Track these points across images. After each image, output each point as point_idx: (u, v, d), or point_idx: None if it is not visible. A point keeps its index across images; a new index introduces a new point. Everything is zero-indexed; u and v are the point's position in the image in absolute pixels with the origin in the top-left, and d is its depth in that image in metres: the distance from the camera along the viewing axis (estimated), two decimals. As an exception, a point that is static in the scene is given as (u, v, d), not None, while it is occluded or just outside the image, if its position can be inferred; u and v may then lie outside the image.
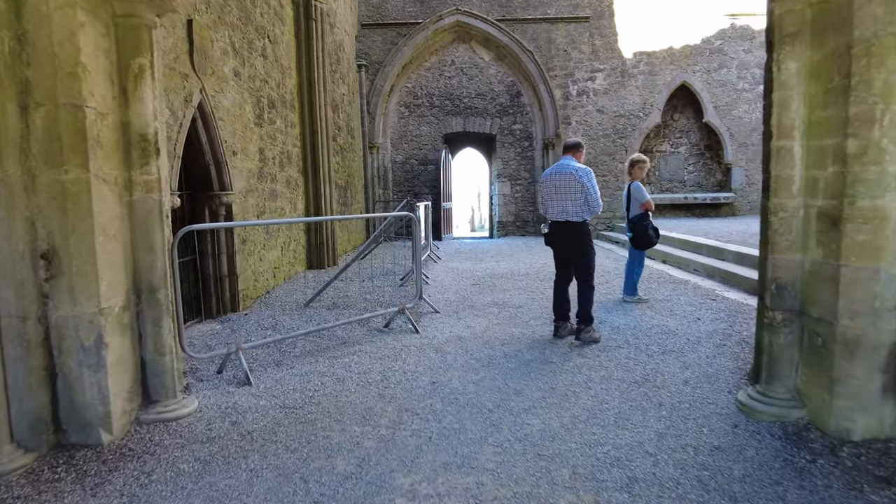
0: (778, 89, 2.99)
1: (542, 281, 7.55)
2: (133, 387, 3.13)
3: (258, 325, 5.49)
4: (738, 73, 13.55)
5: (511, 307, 5.95)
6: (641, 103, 13.68)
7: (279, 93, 7.56)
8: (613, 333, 4.85)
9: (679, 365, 4.05)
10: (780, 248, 3.06)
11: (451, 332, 5.01)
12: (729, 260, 7.69)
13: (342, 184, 10.98)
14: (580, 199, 4.49)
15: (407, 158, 14.15)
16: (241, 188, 6.21)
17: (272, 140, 7.24)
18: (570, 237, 4.57)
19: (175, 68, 4.76)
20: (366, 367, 4.11)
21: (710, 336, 4.70)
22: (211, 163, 5.70)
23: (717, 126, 13.67)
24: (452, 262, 9.86)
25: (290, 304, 6.41)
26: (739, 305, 5.77)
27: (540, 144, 13.94)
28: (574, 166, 4.54)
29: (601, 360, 4.18)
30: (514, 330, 5.02)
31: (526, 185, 14.18)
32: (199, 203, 5.82)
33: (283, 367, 4.14)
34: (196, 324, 5.69)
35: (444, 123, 14.02)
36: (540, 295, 6.58)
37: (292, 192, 8.01)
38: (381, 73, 13.45)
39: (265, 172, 6.97)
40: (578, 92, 13.68)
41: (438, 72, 13.93)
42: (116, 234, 2.97)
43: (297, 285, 7.45)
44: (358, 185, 12.62)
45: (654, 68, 13.59)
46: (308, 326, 5.35)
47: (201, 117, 5.39)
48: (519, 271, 8.46)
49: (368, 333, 5.01)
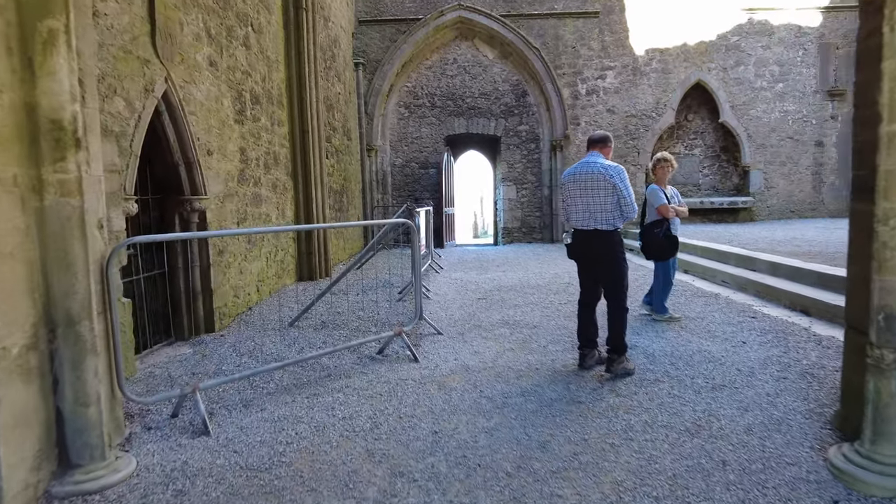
0: (891, 56, 2.26)
1: (555, 294, 6.81)
2: (43, 450, 2.39)
3: (234, 350, 4.75)
4: (755, 71, 12.84)
5: (524, 327, 5.21)
6: (654, 103, 12.97)
7: (265, 87, 6.86)
8: (649, 362, 4.10)
9: (735, 405, 3.30)
10: (892, 268, 2.33)
11: (457, 359, 4.27)
12: (762, 271, 6.94)
13: (337, 188, 10.27)
14: (611, 203, 3.76)
15: (407, 161, 13.44)
16: (217, 192, 5.50)
17: (256, 139, 6.53)
18: (599, 248, 3.83)
19: (132, 51, 4.05)
20: (352, 409, 3.37)
21: (763, 365, 3.95)
22: (181, 163, 4.98)
23: (734, 126, 12.96)
24: (455, 271, 9.12)
25: (273, 322, 5.68)
26: (785, 325, 5.02)
27: (547, 146, 13.23)
28: (602, 164, 3.81)
29: (640, 399, 3.43)
30: (530, 358, 4.28)
31: (532, 190, 13.46)
32: (168, 209, 5.11)
33: (253, 408, 3.40)
34: (164, 347, 4.96)
35: (445, 125, 13.33)
36: (555, 312, 5.83)
37: (280, 197, 7.29)
38: (380, 72, 12.77)
39: (247, 175, 6.25)
40: (588, 91, 12.98)
41: (440, 70, 13.25)
42: (15, 251, 2.24)
43: (285, 300, 6.72)
44: (355, 189, 11.91)
45: (667, 66, 12.89)
46: (290, 352, 4.61)
47: (168, 110, 4.68)
48: (529, 283, 7.72)
49: (359, 362, 4.27)
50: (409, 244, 8.47)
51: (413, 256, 4.52)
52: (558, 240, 13.13)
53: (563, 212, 4.09)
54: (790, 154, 13.11)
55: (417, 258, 4.50)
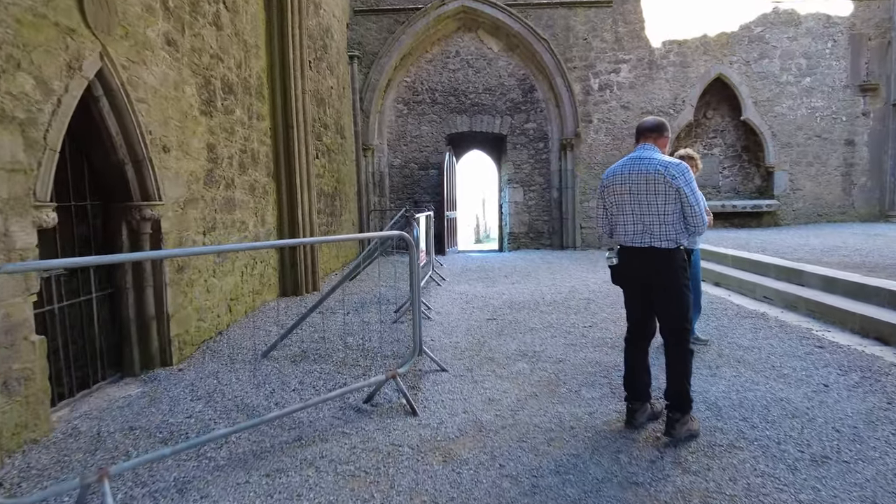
0: None
1: (576, 314, 5.89)
2: None
3: (191, 391, 3.85)
4: (781, 64, 11.94)
5: (547, 361, 4.28)
6: (672, 99, 12.07)
7: (240, 76, 5.95)
8: (713, 415, 3.18)
9: (855, 491, 2.39)
10: None
11: (466, 411, 3.35)
12: (813, 286, 6.02)
13: (329, 191, 9.36)
14: (673, 213, 2.84)
15: (406, 162, 12.53)
16: (176, 197, 4.58)
17: (229, 134, 5.62)
18: (656, 272, 2.91)
19: (46, 15, 3.13)
20: (326, 497, 2.44)
21: (868, 422, 3.03)
22: (127, 161, 4.07)
23: (758, 124, 12.05)
24: (459, 283, 8.20)
25: (245, 351, 4.77)
26: (867, 360, 4.10)
27: (556, 145, 12.31)
28: (660, 160, 2.90)
29: (717, 478, 2.52)
30: (560, 409, 3.35)
31: (540, 192, 12.55)
32: (113, 218, 4.19)
33: (190, 495, 2.48)
34: (108, 385, 4.05)
35: (447, 122, 12.42)
36: (580, 339, 4.91)
37: (258, 201, 6.37)
38: (377, 66, 11.86)
39: (217, 175, 5.34)
40: (600, 86, 12.07)
41: (441, 64, 12.34)
42: None
43: (263, 321, 5.80)
44: (349, 192, 11.00)
45: (685, 59, 11.99)
46: (258, 396, 3.70)
47: (106, 95, 3.77)
48: (544, 298, 6.80)
49: (341, 415, 3.34)
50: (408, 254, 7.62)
51: (411, 279, 3.60)
52: (569, 246, 12.22)
53: (604, 223, 3.17)
54: (818, 154, 12.21)
55: (416, 281, 3.57)
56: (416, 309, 3.53)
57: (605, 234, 3.22)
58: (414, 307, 3.53)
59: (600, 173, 12.00)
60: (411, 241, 3.38)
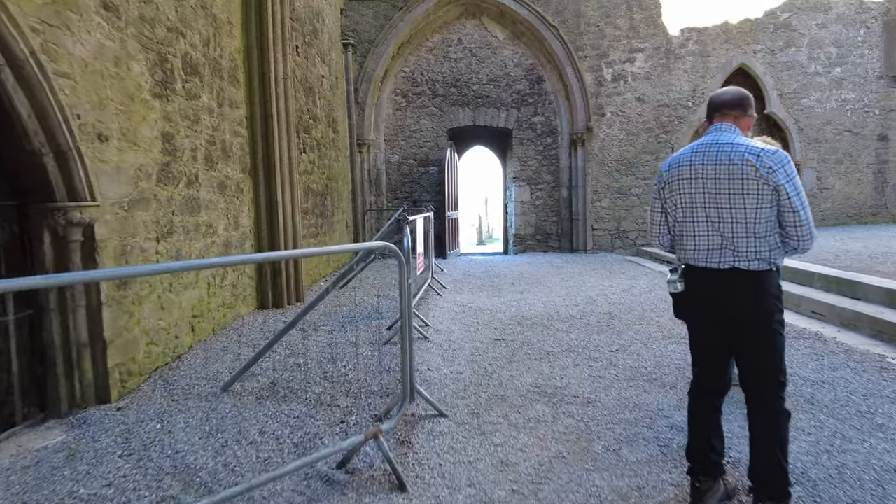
0: None
1: (598, 333, 5.05)
2: None
3: (123, 443, 3.03)
4: (808, 53, 11.06)
5: (571, 401, 3.44)
6: (690, 90, 11.20)
7: (208, 55, 5.12)
8: (809, 497, 2.33)
9: None
10: None
11: (472, 484, 2.51)
12: (874, 300, 5.18)
13: (319, 189, 8.53)
14: (767, 222, 2.01)
15: (404, 158, 11.69)
16: (119, 196, 3.75)
17: (192, 123, 4.79)
18: (740, 305, 2.07)
19: None
20: None
21: None
22: (46, 152, 3.24)
23: (783, 118, 11.18)
24: (461, 292, 7.37)
25: (205, 381, 3.94)
26: (976, 401, 3.26)
27: (566, 140, 11.46)
28: (749, 146, 2.06)
29: None
30: (597, 481, 2.51)
31: (549, 191, 11.70)
32: (33, 222, 3.37)
33: None
34: (25, 431, 3.24)
35: (448, 116, 11.58)
36: (608, 367, 4.07)
37: (230, 201, 5.54)
38: (373, 55, 11.01)
39: (175, 171, 4.51)
40: (614, 76, 11.21)
41: (442, 53, 11.49)
42: None
43: (234, 340, 4.97)
44: (342, 190, 10.17)
45: (705, 48, 11.12)
46: (205, 453, 2.87)
47: (10, 66, 2.94)
48: (558, 311, 5.96)
49: (304, 489, 2.51)
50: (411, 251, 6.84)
51: (401, 304, 2.75)
52: (579, 249, 11.37)
53: (660, 231, 2.33)
54: (848, 150, 11.34)
55: (407, 307, 2.72)
56: (408, 346, 2.69)
57: (661, 246, 2.37)
58: (404, 344, 2.70)
59: (614, 170, 11.17)
60: (401, 256, 2.54)
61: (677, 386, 3.65)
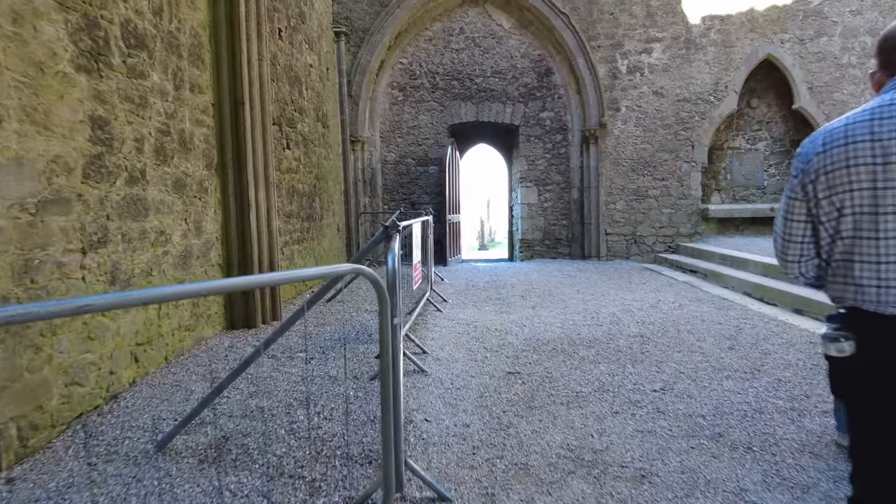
0: None
1: (634, 363, 4.15)
2: None
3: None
4: (842, 43, 10.19)
5: (620, 477, 2.53)
6: (712, 84, 10.33)
7: (161, 27, 4.24)
8: None
9: None
10: None
11: None
12: None
13: (305, 189, 7.65)
14: None
15: (402, 157, 10.81)
16: (20, 195, 2.86)
17: (136, 106, 3.90)
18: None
19: None
20: None
21: None
22: None
23: (813, 114, 10.29)
24: (464, 307, 6.47)
25: (142, 431, 3.05)
26: None
27: (577, 138, 10.59)
28: None
29: None
30: None
31: (558, 192, 10.81)
32: None
33: None
34: None
35: (450, 111, 10.70)
36: (657, 415, 3.17)
37: (191, 203, 4.65)
38: (367, 45, 10.14)
39: (110, 164, 3.62)
40: (629, 68, 10.33)
41: (443, 43, 10.62)
42: None
43: (189, 373, 4.08)
44: (333, 191, 9.28)
45: (728, 37, 10.25)
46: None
47: None
48: (579, 333, 5.07)
49: None
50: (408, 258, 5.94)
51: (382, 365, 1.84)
52: (591, 255, 10.48)
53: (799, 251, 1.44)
54: (883, 148, 10.44)
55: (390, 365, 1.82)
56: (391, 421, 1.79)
57: (801, 277, 1.47)
58: (386, 417, 1.79)
59: (629, 170, 10.28)
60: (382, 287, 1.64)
61: (753, 447, 2.76)
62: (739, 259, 7.94)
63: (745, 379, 3.76)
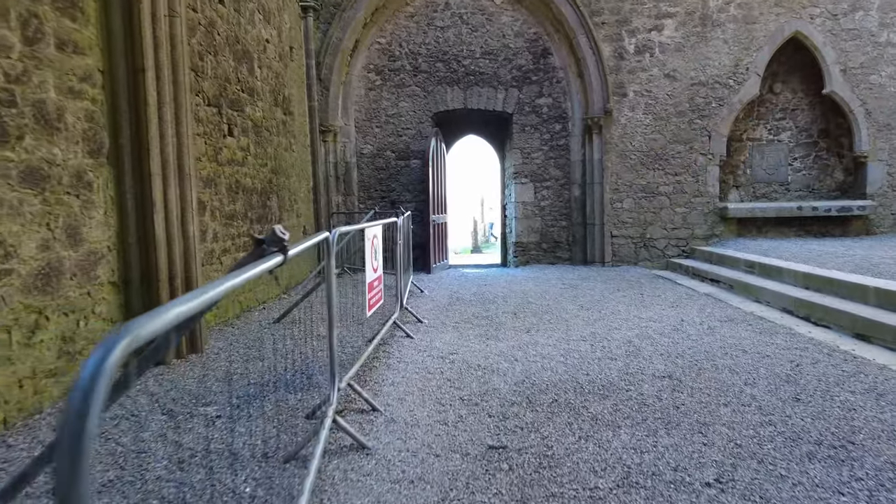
0: None
1: (668, 428, 2.92)
2: None
3: None
4: (880, 18, 8.98)
5: None
6: (731, 65, 9.11)
7: (-3, -49, 2.98)
8: None
9: None
10: None
11: None
12: None
13: (256, 186, 6.42)
14: None
15: (380, 149, 9.57)
16: None
17: (-61, 59, 2.65)
18: None
19: None
20: None
21: None
22: None
23: (846, 99, 9.09)
24: (443, 330, 5.24)
25: None
26: None
27: (579, 127, 9.37)
28: None
29: None
30: None
31: (557, 189, 9.59)
32: None
33: None
34: None
35: (434, 97, 9.47)
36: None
37: (57, 202, 3.40)
38: (339, 21, 8.89)
39: None
40: (638, 48, 9.11)
41: (426, 20, 9.38)
42: None
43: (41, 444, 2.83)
44: (297, 188, 8.04)
45: (750, 12, 9.03)
46: None
47: None
48: (587, 372, 3.84)
49: None
50: (392, 267, 4.95)
51: None
52: (595, 261, 9.27)
53: None
54: (925, 138, 9.26)
55: None
56: None
57: None
58: None
59: (638, 164, 9.07)
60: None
61: None
62: (771, 267, 6.73)
63: (838, 461, 2.53)
